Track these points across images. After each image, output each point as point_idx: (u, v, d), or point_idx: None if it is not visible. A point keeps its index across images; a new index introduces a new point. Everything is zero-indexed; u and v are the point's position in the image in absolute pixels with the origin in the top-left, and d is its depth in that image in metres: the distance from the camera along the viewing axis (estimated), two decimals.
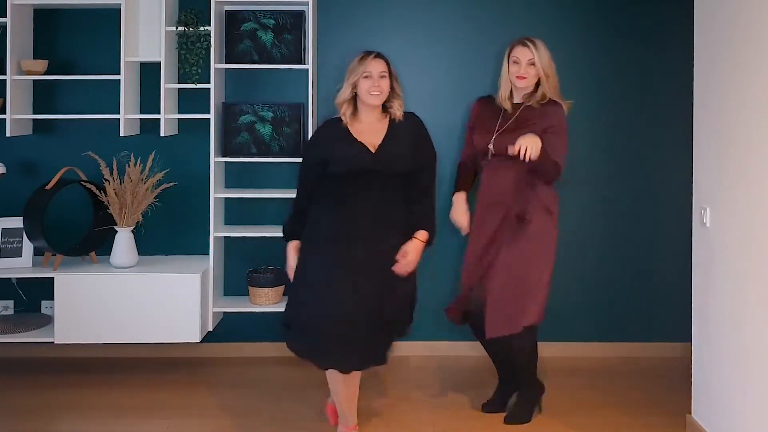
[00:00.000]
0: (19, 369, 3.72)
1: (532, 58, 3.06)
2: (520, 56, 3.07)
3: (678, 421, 3.10)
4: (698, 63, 2.97)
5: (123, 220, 3.61)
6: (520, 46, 3.08)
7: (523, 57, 3.06)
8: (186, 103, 3.84)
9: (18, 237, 3.67)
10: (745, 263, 2.57)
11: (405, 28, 3.93)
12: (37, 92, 3.84)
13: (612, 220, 3.97)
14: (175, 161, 3.84)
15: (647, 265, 3.98)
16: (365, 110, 2.92)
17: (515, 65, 3.08)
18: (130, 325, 3.50)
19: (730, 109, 2.68)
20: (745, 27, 2.58)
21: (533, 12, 3.93)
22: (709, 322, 2.85)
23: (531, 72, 3.07)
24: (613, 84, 3.96)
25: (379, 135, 2.89)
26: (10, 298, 3.87)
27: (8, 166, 3.75)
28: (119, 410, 3.26)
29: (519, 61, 3.07)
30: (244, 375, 3.67)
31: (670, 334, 3.93)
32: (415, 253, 2.88)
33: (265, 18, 3.77)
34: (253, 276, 3.71)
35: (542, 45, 3.10)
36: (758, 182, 2.49)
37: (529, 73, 3.06)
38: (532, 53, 3.06)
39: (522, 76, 3.06)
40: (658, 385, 3.56)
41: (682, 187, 3.57)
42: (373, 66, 2.89)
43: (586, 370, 3.78)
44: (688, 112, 3.14)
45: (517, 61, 3.08)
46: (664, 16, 3.94)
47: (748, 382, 2.55)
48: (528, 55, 3.06)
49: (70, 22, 3.86)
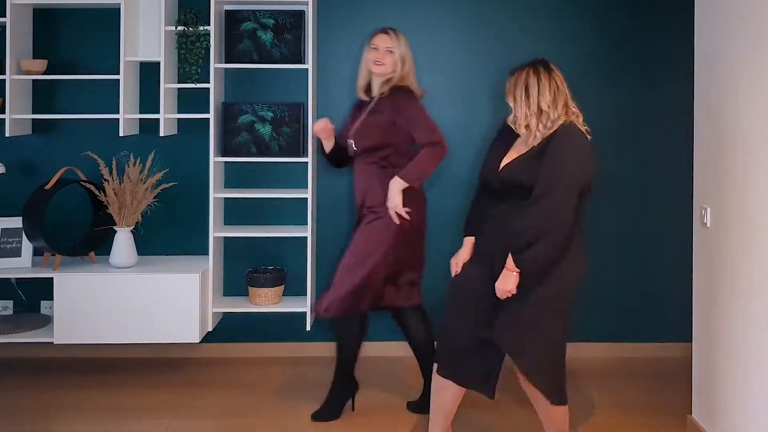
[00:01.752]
0: (19, 369, 3.72)
1: (391, 46, 3.07)
2: (379, 43, 3.09)
3: (678, 422, 3.11)
4: (698, 63, 2.97)
5: (122, 220, 3.61)
6: (381, 33, 3.11)
7: (381, 44, 3.09)
8: (185, 102, 3.84)
9: (17, 237, 3.67)
10: (745, 263, 2.57)
11: (405, 29, 3.90)
12: (36, 92, 3.84)
13: (612, 220, 3.97)
14: (175, 161, 3.83)
15: (647, 265, 3.98)
16: None
17: (374, 51, 3.09)
18: (129, 325, 3.49)
19: (731, 109, 2.68)
20: (745, 27, 2.58)
21: (534, 13, 3.93)
22: (709, 322, 2.85)
23: (388, 59, 3.07)
24: (613, 84, 3.96)
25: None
26: (9, 298, 3.87)
27: (7, 166, 3.75)
28: (119, 410, 3.26)
29: (378, 47, 3.09)
30: (244, 375, 3.67)
31: (670, 334, 3.94)
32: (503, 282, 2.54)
33: (265, 18, 3.77)
34: (253, 276, 3.71)
35: (403, 36, 3.14)
36: (758, 182, 2.49)
37: (386, 60, 3.07)
38: (392, 41, 3.08)
39: (379, 62, 3.06)
40: (658, 385, 3.56)
41: (682, 187, 3.57)
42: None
43: (586, 370, 3.78)
44: (688, 112, 3.14)
45: (376, 47, 3.09)
46: (664, 15, 3.94)
47: (748, 382, 2.55)
48: (387, 42, 3.09)
49: (69, 21, 3.86)
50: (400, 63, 3.09)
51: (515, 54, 3.92)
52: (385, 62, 3.08)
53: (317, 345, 3.86)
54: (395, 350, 3.81)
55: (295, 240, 3.85)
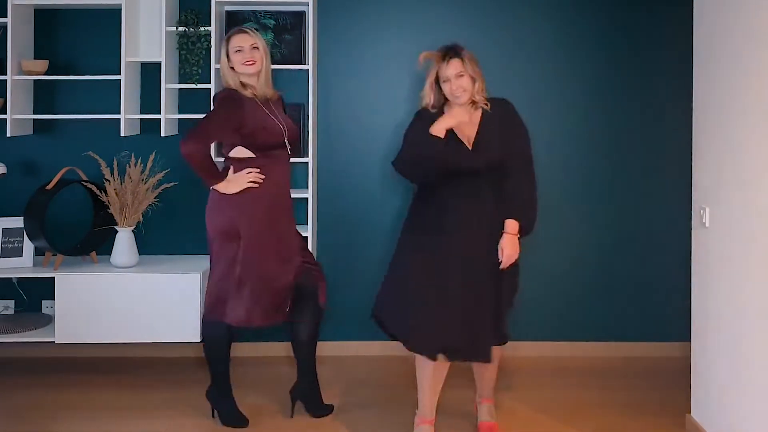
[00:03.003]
0: (19, 369, 3.72)
1: (255, 43, 3.04)
2: (243, 44, 3.02)
3: (678, 421, 3.10)
4: (698, 63, 2.97)
5: (123, 220, 3.61)
6: (241, 34, 3.05)
7: (245, 43, 3.02)
8: (186, 103, 3.85)
9: (18, 237, 3.68)
10: (744, 263, 2.58)
11: (405, 29, 3.93)
12: (37, 92, 3.85)
13: (612, 220, 3.98)
14: (176, 161, 3.83)
15: (647, 265, 3.98)
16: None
17: (239, 54, 3.01)
18: (130, 324, 3.50)
19: (730, 108, 2.69)
20: (744, 27, 2.59)
21: (534, 13, 3.93)
22: (709, 322, 2.85)
23: (257, 55, 3.04)
24: (613, 84, 3.96)
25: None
26: (10, 298, 3.87)
27: (9, 166, 3.75)
28: (119, 410, 3.26)
29: (242, 48, 3.02)
30: (243, 375, 3.67)
31: (670, 334, 3.94)
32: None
33: (265, 18, 3.78)
34: None
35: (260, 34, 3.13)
36: (758, 182, 2.49)
37: (255, 57, 3.03)
38: (254, 38, 3.04)
39: (250, 61, 3.01)
40: (658, 385, 3.56)
41: (682, 187, 3.57)
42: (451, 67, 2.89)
43: (586, 370, 3.78)
44: (687, 112, 3.14)
45: (240, 49, 3.02)
46: (664, 15, 3.94)
47: (748, 382, 2.55)
48: (250, 41, 3.03)
49: (70, 22, 3.87)
50: (268, 64, 3.09)
51: (516, 54, 3.94)
52: (255, 59, 3.02)
53: (317, 345, 3.85)
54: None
55: None
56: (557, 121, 3.95)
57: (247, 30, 3.07)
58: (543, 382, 3.59)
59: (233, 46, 3.01)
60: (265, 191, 3.00)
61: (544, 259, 3.93)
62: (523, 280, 3.99)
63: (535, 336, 3.95)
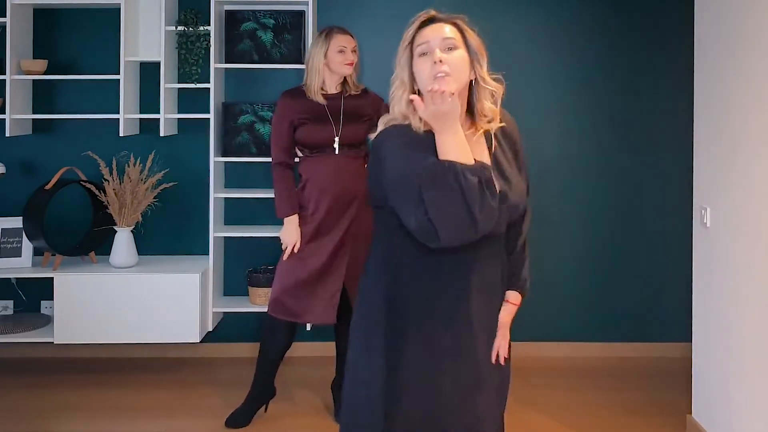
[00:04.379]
0: (19, 369, 3.72)
1: (355, 46, 3.08)
2: (348, 45, 3.06)
3: (678, 421, 3.10)
4: (698, 63, 2.97)
5: (123, 220, 3.61)
6: (345, 34, 3.07)
7: (349, 45, 3.06)
8: (186, 102, 3.84)
9: (18, 237, 3.67)
10: (745, 263, 2.57)
11: (404, 29, 3.92)
12: (36, 92, 3.84)
13: (612, 220, 3.97)
14: (175, 161, 3.83)
15: (647, 265, 3.98)
16: None
17: (342, 54, 3.04)
18: (130, 325, 3.50)
19: (731, 109, 2.68)
20: (745, 27, 2.58)
21: (534, 12, 3.93)
22: (709, 322, 2.85)
23: (355, 58, 3.08)
24: (613, 84, 3.96)
25: None
26: (9, 298, 3.87)
27: (8, 166, 3.75)
28: (119, 410, 3.26)
29: (346, 49, 3.05)
30: (244, 375, 3.65)
31: (670, 334, 3.93)
32: None
33: (265, 18, 3.77)
34: (253, 276, 3.71)
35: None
36: (758, 182, 2.49)
37: (354, 59, 3.08)
38: (354, 41, 3.09)
39: (351, 63, 3.06)
40: (658, 385, 3.56)
41: (682, 187, 3.57)
42: None
43: (586, 370, 3.78)
44: (688, 112, 3.14)
45: (343, 50, 3.05)
46: (665, 15, 3.94)
47: (748, 382, 2.55)
48: (353, 43, 3.07)
49: (69, 21, 3.86)
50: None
51: (516, 54, 3.94)
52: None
53: (317, 345, 3.85)
54: None
55: None
56: (557, 122, 3.95)
57: (349, 31, 3.11)
58: (543, 383, 3.59)
59: (337, 45, 3.04)
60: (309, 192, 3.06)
61: (544, 260, 3.92)
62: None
63: (536, 336, 3.95)
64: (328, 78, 3.07)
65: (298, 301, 2.99)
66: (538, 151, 3.88)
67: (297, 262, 3.01)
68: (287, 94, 3.08)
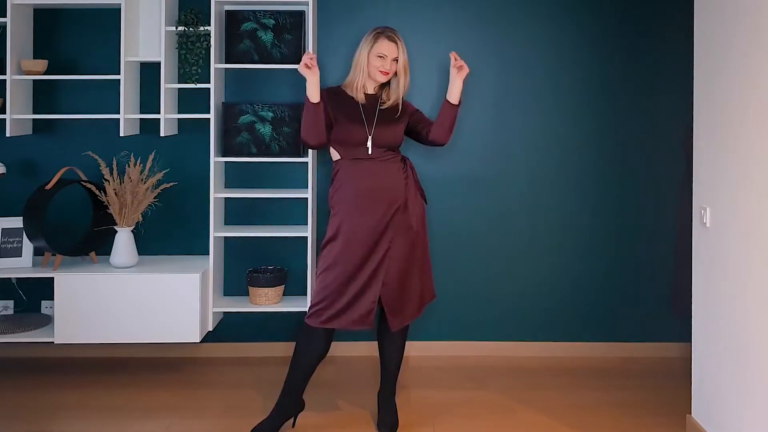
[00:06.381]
0: (19, 369, 3.72)
1: (397, 57, 3.06)
2: (388, 53, 3.04)
3: (678, 421, 3.11)
4: (698, 62, 2.97)
5: (123, 220, 3.61)
6: (390, 42, 3.04)
7: (390, 54, 3.04)
8: (186, 103, 3.84)
9: (18, 237, 3.67)
10: (745, 263, 2.57)
11: (405, 28, 3.92)
12: (37, 92, 3.85)
13: (612, 220, 3.97)
14: (175, 161, 3.84)
15: (647, 265, 3.98)
16: None
17: (380, 60, 3.04)
18: (130, 325, 3.50)
19: (731, 108, 2.68)
20: (745, 27, 2.58)
21: (534, 11, 3.93)
22: (709, 322, 2.85)
23: (393, 68, 3.07)
24: (613, 83, 3.96)
25: None
26: (10, 298, 3.87)
27: (8, 166, 3.75)
28: (119, 410, 3.26)
29: (385, 57, 3.04)
30: (244, 375, 3.67)
31: (670, 334, 3.94)
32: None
33: (265, 18, 3.77)
34: (253, 276, 3.71)
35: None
36: (759, 182, 2.49)
37: (392, 69, 3.07)
38: (398, 51, 3.06)
39: (386, 73, 3.06)
40: (658, 385, 3.56)
41: (681, 187, 3.57)
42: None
43: (586, 370, 3.78)
44: (688, 112, 3.14)
45: (383, 56, 3.04)
46: (664, 15, 3.95)
47: (748, 382, 2.55)
48: (394, 53, 3.05)
49: (70, 21, 3.86)
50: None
51: (515, 55, 3.94)
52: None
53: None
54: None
55: (296, 240, 3.85)
56: (557, 122, 3.94)
57: (396, 40, 3.05)
58: (543, 382, 3.59)
59: (379, 50, 3.02)
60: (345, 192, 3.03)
61: (544, 259, 3.93)
62: (524, 281, 4.01)
63: (535, 336, 3.95)
64: (367, 79, 3.06)
65: (335, 307, 2.92)
66: (538, 151, 3.89)
67: (334, 268, 2.94)
68: (326, 90, 3.08)
